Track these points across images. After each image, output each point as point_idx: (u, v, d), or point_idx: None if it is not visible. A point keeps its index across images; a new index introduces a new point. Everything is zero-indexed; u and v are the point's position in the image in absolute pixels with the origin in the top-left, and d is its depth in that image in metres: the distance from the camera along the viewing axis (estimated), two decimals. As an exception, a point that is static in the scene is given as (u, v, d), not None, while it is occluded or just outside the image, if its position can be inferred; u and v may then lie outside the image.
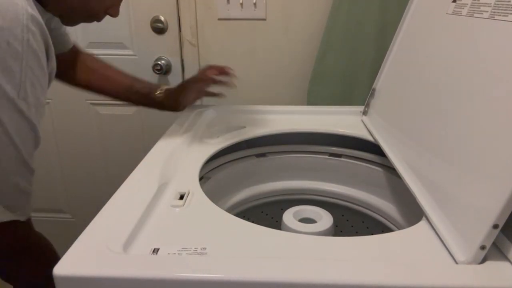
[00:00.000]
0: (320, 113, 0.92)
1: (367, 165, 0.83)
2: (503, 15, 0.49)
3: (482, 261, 0.42)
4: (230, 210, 0.79)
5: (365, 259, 0.44)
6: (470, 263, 0.42)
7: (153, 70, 1.19)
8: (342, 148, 0.86)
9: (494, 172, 0.43)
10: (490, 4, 0.53)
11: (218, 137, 0.79)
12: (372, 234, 0.49)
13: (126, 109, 1.27)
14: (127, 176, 0.61)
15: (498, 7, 0.51)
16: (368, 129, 0.82)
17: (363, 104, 0.88)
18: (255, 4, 1.13)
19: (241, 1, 1.13)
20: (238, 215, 0.54)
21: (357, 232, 0.87)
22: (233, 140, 0.78)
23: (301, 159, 0.88)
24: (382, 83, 0.83)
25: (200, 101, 1.23)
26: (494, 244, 0.43)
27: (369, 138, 0.79)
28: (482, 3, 0.55)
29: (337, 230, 0.88)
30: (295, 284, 0.40)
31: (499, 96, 0.46)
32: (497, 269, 0.42)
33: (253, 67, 1.20)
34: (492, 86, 0.48)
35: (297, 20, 1.14)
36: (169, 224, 0.51)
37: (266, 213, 0.90)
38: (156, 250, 0.45)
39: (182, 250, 0.45)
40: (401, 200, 0.76)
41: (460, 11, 0.60)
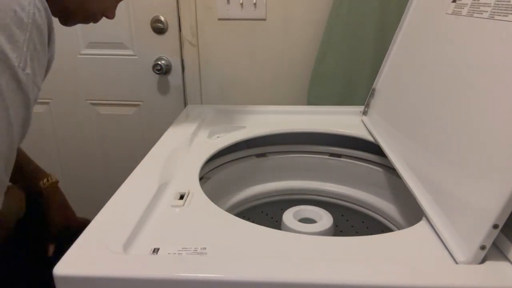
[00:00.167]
0: (320, 113, 0.92)
1: (367, 165, 0.83)
2: (503, 15, 0.49)
3: (482, 261, 0.42)
4: (230, 210, 0.79)
5: (365, 259, 0.44)
6: (470, 263, 0.42)
7: (153, 70, 1.19)
8: (342, 148, 0.86)
9: (494, 172, 0.43)
10: (490, 4, 0.53)
11: (218, 137, 0.79)
12: (372, 234, 0.49)
13: (126, 109, 1.27)
14: (127, 176, 0.61)
15: (498, 7, 0.51)
16: (368, 129, 0.82)
17: (363, 104, 0.88)
18: (255, 4, 1.13)
19: (241, 1, 1.13)
20: (238, 215, 0.54)
21: (357, 232, 0.87)
22: (233, 140, 0.78)
23: (301, 159, 0.88)
24: (382, 83, 0.83)
25: (200, 101, 1.24)
26: (494, 244, 0.43)
27: (369, 138, 0.79)
28: (482, 3, 0.55)
29: (337, 230, 0.88)
30: (295, 284, 0.40)
31: (499, 96, 0.46)
32: (497, 269, 0.42)
33: (253, 67, 1.20)
34: (492, 86, 0.48)
35: (297, 20, 1.14)
36: (169, 224, 0.51)
37: (266, 213, 0.90)
38: (156, 250, 0.45)
39: (182, 250, 0.45)
40: (401, 200, 0.76)
41: (460, 11, 0.60)
